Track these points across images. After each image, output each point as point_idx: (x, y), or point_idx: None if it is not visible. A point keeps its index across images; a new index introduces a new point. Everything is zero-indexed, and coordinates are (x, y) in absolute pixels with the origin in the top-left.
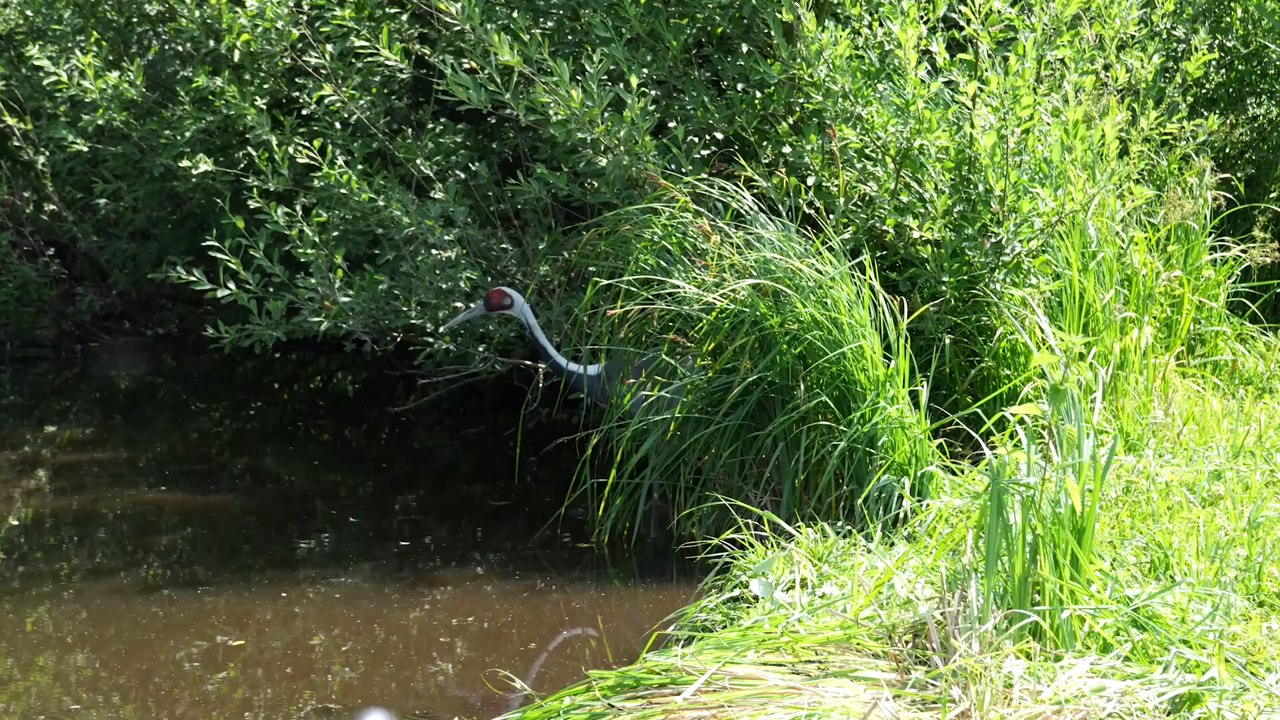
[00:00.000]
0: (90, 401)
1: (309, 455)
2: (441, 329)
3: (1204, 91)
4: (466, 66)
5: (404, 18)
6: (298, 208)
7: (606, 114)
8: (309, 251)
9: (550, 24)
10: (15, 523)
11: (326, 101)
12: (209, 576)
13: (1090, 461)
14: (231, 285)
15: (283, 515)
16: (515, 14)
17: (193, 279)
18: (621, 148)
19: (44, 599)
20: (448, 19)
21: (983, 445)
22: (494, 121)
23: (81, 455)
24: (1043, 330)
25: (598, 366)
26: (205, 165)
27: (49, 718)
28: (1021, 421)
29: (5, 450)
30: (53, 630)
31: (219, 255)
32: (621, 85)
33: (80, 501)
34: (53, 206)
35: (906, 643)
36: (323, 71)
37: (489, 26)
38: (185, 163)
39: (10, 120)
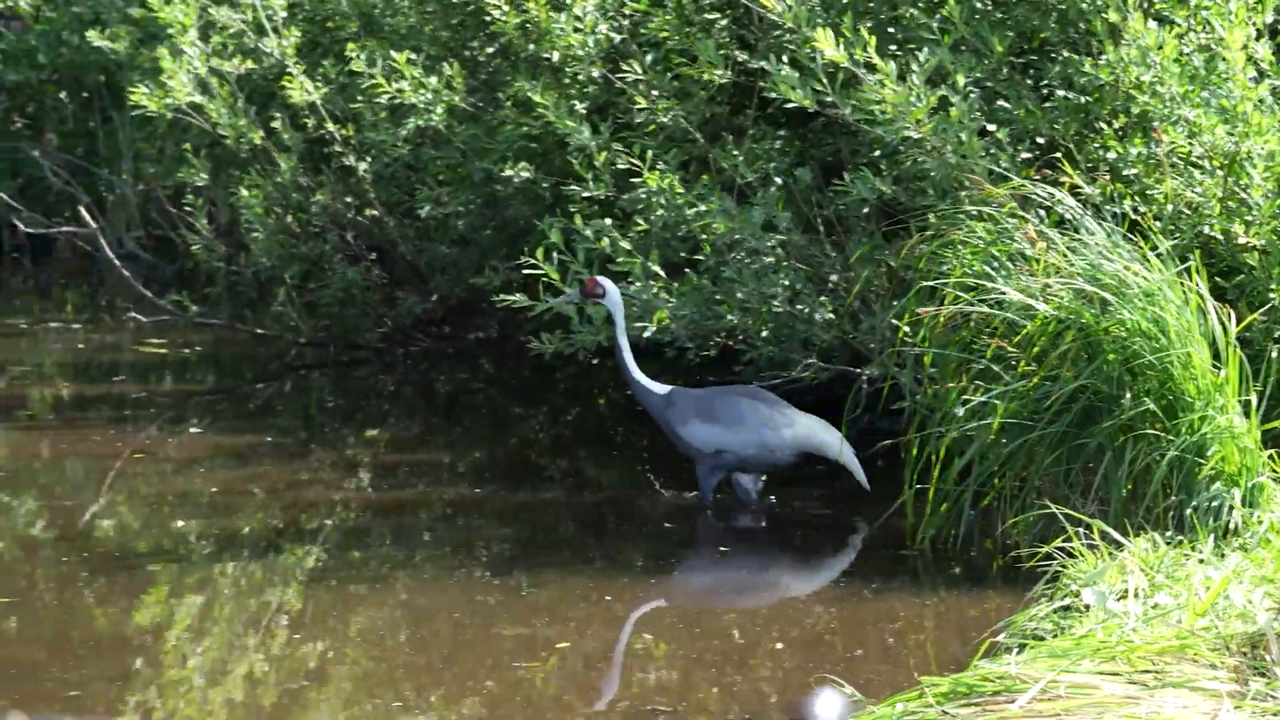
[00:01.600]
0: (411, 405)
1: (628, 460)
2: (552, 303)
3: None
4: (785, 71)
5: (723, 23)
6: (619, 214)
7: (933, 115)
8: (628, 260)
9: (870, 24)
10: (337, 522)
11: (643, 111)
12: (530, 577)
13: None
14: (550, 298)
15: (601, 518)
16: (839, 14)
17: (512, 300)
18: (947, 147)
19: (366, 596)
20: (772, 18)
21: None
22: (815, 126)
23: (402, 457)
24: None
25: (666, 389)
26: (524, 173)
27: (374, 710)
28: None
29: (328, 451)
30: (374, 626)
31: (536, 270)
32: (945, 86)
33: (400, 502)
34: (374, 212)
35: (1244, 654)
36: (640, 84)
37: (819, 29)
38: (507, 170)
39: (332, 127)
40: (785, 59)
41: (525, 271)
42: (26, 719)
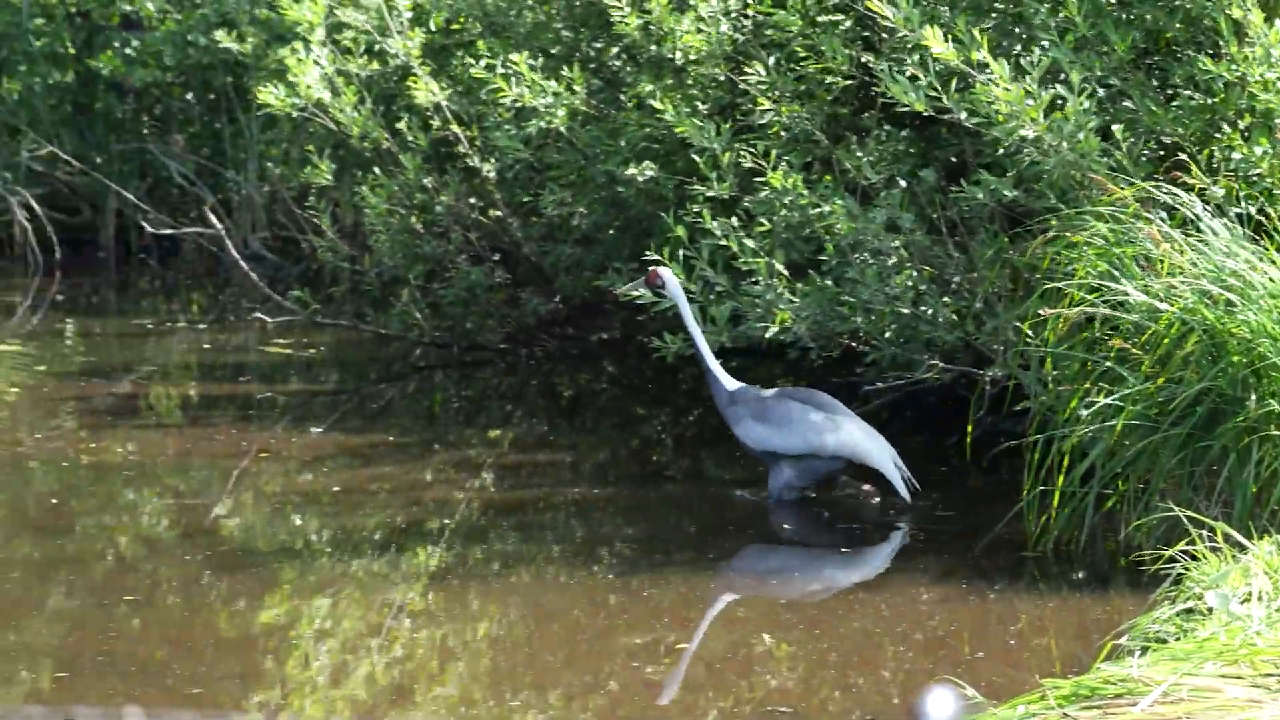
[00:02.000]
0: (533, 405)
1: (750, 461)
2: (619, 291)
3: None
4: (910, 73)
5: (846, 24)
6: (741, 214)
7: (1048, 114)
8: (752, 260)
9: (990, 24)
10: (459, 521)
11: (766, 113)
12: (651, 577)
13: None
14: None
15: (723, 521)
16: (954, 14)
17: (634, 295)
18: (1064, 144)
19: (487, 596)
20: (885, 23)
21: None
22: (939, 127)
23: (524, 457)
24: None
25: (735, 385)
26: (648, 173)
27: (494, 710)
28: None
29: (451, 451)
30: (495, 626)
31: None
32: (1060, 85)
33: (522, 502)
34: (498, 213)
35: None
36: (762, 85)
37: (928, 28)
38: (630, 170)
39: (456, 128)
40: (907, 59)
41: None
42: (149, 717)
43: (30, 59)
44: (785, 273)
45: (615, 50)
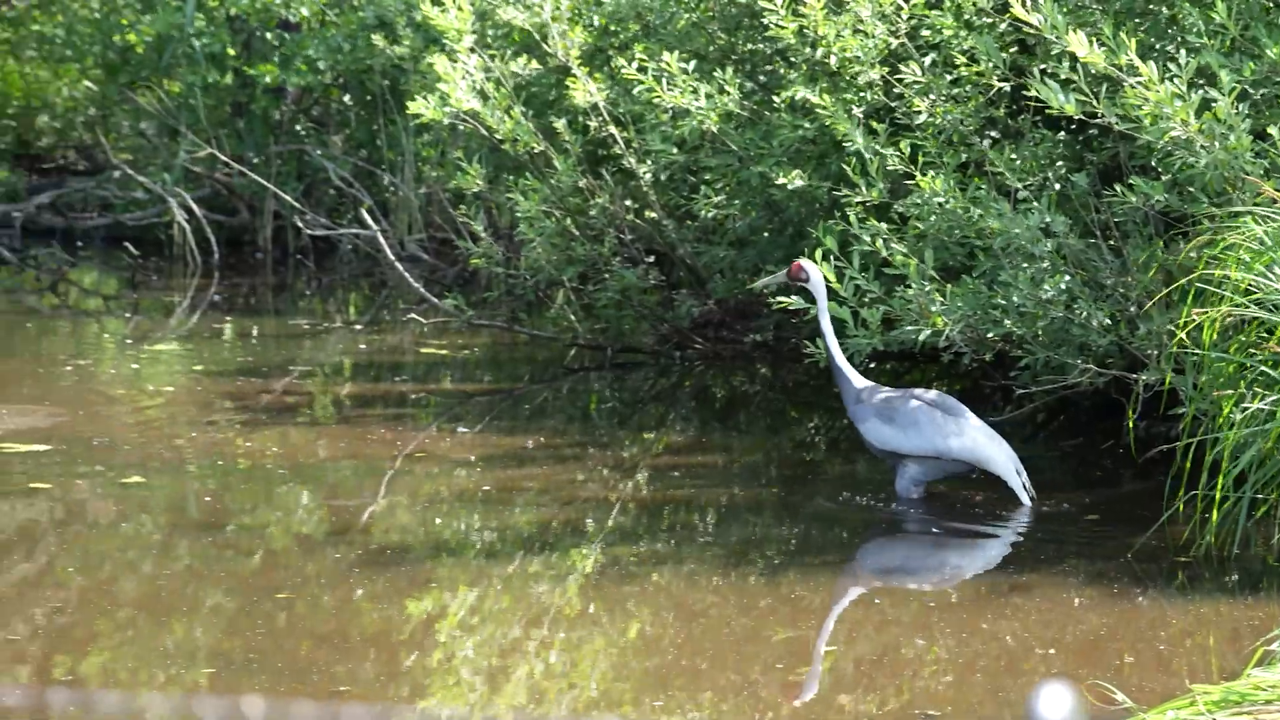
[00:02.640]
0: (686, 408)
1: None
2: (756, 285)
3: None
4: (1064, 76)
5: (1001, 26)
6: (895, 218)
7: (1199, 114)
8: (903, 264)
9: (1139, 27)
10: (610, 522)
11: (920, 115)
12: (802, 580)
13: None
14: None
15: (874, 522)
16: (1103, 19)
17: (786, 302)
18: (1216, 145)
19: (637, 596)
20: (1030, 30)
21: None
22: (1092, 130)
23: (676, 459)
24: None
25: (864, 384)
26: (799, 181)
27: (643, 710)
28: None
29: (603, 452)
30: (645, 626)
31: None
32: (1210, 87)
33: (674, 503)
34: (653, 215)
35: None
36: (916, 84)
37: (1073, 32)
38: (781, 179)
39: (614, 129)
40: (1062, 62)
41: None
42: (294, 712)
43: (192, 60)
44: (937, 276)
45: (769, 53)
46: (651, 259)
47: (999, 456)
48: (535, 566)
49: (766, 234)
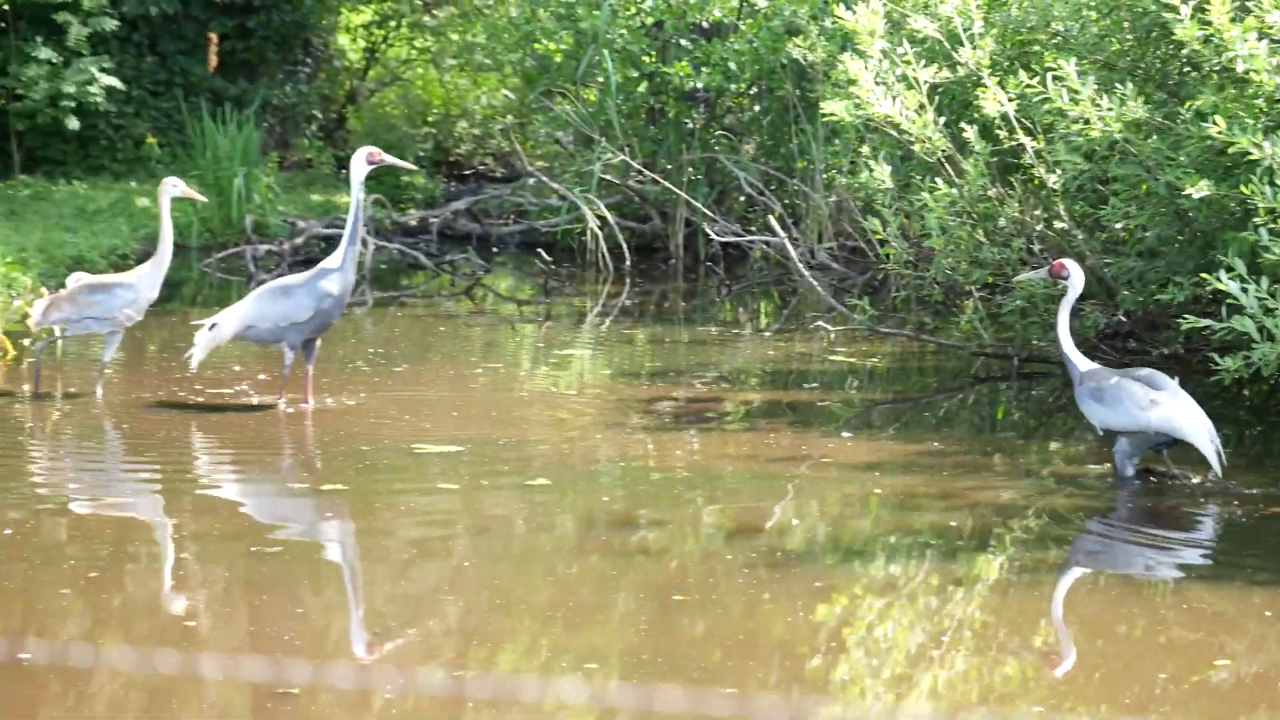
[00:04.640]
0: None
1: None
2: (1017, 279)
3: None
4: None
5: None
6: None
7: None
8: None
9: None
10: (1014, 529)
11: None
12: (1208, 589)
13: None
14: (1234, 318)
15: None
16: None
17: (1193, 322)
18: None
19: (1040, 604)
20: None
21: None
22: None
23: (1077, 469)
24: None
25: (1089, 366)
26: (1204, 190)
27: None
28: None
29: (1005, 460)
30: (1046, 634)
31: (1219, 284)
32: None
33: (1082, 510)
34: (1062, 224)
35: None
36: None
37: None
38: (1188, 190)
39: (1023, 138)
40: None
41: (1210, 286)
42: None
43: (613, 63)
44: None
45: (1180, 62)
46: None
47: (1191, 426)
48: (937, 577)
49: (1176, 245)
